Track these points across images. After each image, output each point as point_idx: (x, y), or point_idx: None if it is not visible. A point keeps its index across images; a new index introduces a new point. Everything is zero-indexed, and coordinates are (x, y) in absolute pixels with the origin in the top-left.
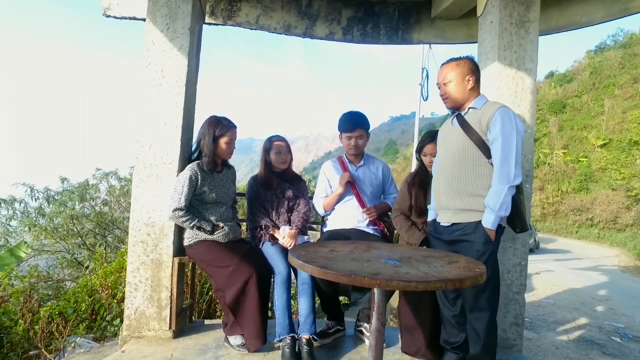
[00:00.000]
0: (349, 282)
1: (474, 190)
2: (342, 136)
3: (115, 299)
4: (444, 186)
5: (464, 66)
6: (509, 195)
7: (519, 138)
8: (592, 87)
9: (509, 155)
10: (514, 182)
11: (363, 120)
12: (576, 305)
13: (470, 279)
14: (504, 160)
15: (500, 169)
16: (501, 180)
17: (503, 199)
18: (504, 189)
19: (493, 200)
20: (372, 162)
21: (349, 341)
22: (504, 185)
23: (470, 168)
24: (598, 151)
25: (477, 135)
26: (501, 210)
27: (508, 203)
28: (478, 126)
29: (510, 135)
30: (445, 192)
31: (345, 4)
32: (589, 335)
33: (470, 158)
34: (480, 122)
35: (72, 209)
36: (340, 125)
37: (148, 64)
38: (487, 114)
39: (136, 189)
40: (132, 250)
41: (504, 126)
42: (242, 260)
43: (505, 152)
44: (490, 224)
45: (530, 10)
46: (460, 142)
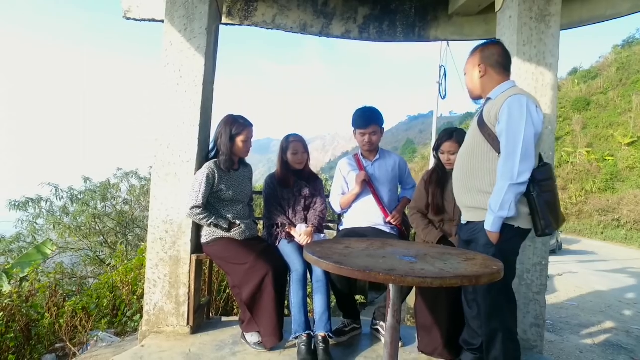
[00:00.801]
0: (364, 277)
1: (482, 186)
2: (356, 132)
3: (135, 295)
4: (457, 182)
5: (476, 55)
6: (510, 194)
7: (530, 129)
8: (619, 83)
9: (514, 149)
10: (519, 180)
11: (376, 115)
12: (602, 309)
13: (486, 276)
14: (508, 155)
15: (503, 165)
16: (503, 177)
17: (504, 198)
18: (505, 187)
19: (494, 200)
20: (388, 156)
21: (365, 340)
22: (504, 183)
23: (479, 163)
24: (625, 149)
25: (489, 129)
26: (502, 210)
27: (510, 203)
28: (488, 118)
29: (518, 127)
30: (458, 188)
31: (361, 2)
32: (616, 340)
33: (480, 153)
34: (490, 113)
35: (94, 208)
36: (354, 122)
37: (166, 64)
38: (497, 105)
39: (155, 187)
40: (151, 247)
41: (511, 116)
42: (258, 258)
43: (510, 146)
44: (490, 225)
45: (551, 4)
46: (474, 135)
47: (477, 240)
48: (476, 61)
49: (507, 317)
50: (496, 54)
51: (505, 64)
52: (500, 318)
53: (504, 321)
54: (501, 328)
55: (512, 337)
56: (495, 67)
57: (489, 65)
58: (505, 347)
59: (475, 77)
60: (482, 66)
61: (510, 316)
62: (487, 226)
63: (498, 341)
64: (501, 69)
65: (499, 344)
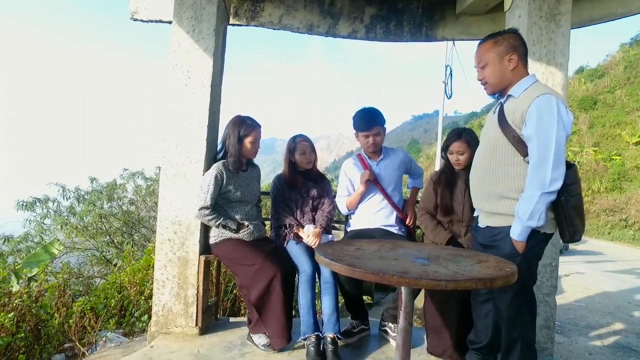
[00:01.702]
0: (377, 280)
1: (504, 192)
2: (359, 135)
3: (142, 295)
4: (476, 185)
5: (504, 43)
6: (542, 203)
7: (561, 133)
8: (627, 81)
9: (545, 155)
10: (551, 188)
11: (378, 116)
12: (610, 310)
13: (501, 279)
14: (540, 162)
15: (533, 173)
16: (533, 185)
17: (534, 207)
18: (536, 196)
19: (523, 208)
20: (392, 154)
21: (373, 341)
22: (535, 192)
23: (501, 167)
24: (633, 149)
25: (512, 131)
26: (532, 220)
27: (541, 212)
28: (512, 118)
29: (549, 131)
30: (476, 192)
31: (368, 2)
32: (625, 342)
33: (503, 156)
34: (515, 114)
35: (100, 208)
36: (356, 124)
37: (174, 65)
38: (523, 105)
39: (163, 187)
40: (160, 248)
41: (541, 120)
42: (266, 259)
43: (541, 152)
44: (517, 234)
45: (561, 3)
46: (494, 136)
47: (500, 247)
48: (505, 51)
49: (528, 325)
50: (523, 44)
51: (527, 55)
52: (521, 326)
53: (525, 329)
54: (521, 337)
55: (530, 346)
56: (523, 58)
57: (519, 55)
58: (523, 356)
59: (505, 69)
60: (514, 57)
61: (530, 324)
62: (514, 235)
63: (517, 350)
64: (525, 61)
65: (517, 352)
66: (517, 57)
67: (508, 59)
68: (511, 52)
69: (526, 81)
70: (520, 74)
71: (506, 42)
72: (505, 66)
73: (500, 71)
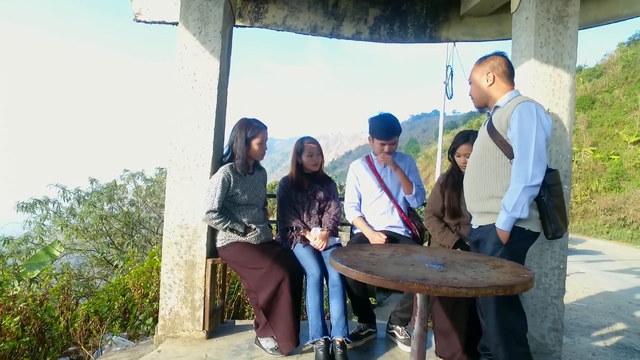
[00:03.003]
0: (396, 287)
1: (493, 192)
2: (375, 141)
3: (147, 298)
4: (468, 189)
5: (485, 64)
6: (524, 196)
7: (541, 134)
8: (625, 81)
9: (526, 152)
10: (532, 182)
11: (397, 126)
12: (612, 310)
13: (520, 285)
14: (521, 158)
15: (517, 168)
16: (517, 179)
17: (517, 199)
18: (519, 189)
19: (508, 200)
20: (400, 159)
21: (380, 344)
22: (519, 185)
23: (490, 169)
24: (631, 148)
25: (500, 136)
26: (515, 211)
27: (523, 204)
28: (499, 125)
29: (529, 131)
30: (469, 195)
31: (372, 3)
32: (628, 342)
33: (491, 159)
34: (501, 120)
35: (101, 209)
36: (374, 131)
37: (181, 68)
38: (507, 112)
39: (170, 191)
40: (166, 251)
41: (522, 122)
42: (274, 262)
43: (522, 150)
44: (502, 223)
45: (569, 5)
46: (484, 143)
47: (486, 239)
48: (484, 70)
49: (514, 324)
50: (503, 64)
51: (510, 74)
52: (505, 326)
53: (510, 329)
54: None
55: (519, 342)
56: (502, 76)
57: (497, 74)
58: (511, 354)
59: (483, 86)
60: (490, 75)
61: (517, 323)
62: (499, 224)
63: (503, 349)
64: (507, 78)
65: (504, 352)
66: (495, 75)
67: (486, 77)
68: (488, 71)
69: (511, 94)
70: (500, 89)
71: (487, 63)
72: (483, 84)
73: (479, 88)
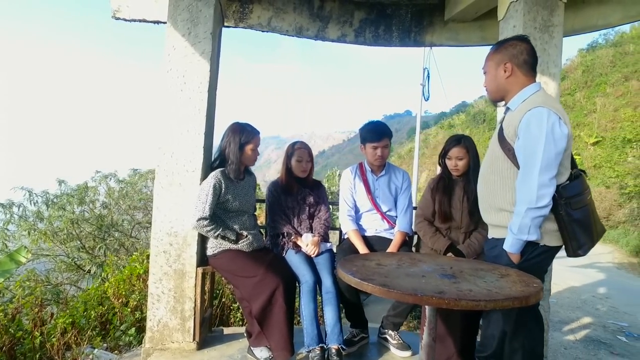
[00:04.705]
0: (415, 301)
1: (502, 204)
2: (367, 146)
3: (128, 307)
4: (480, 199)
5: (503, 51)
6: (528, 218)
7: (550, 148)
8: (585, 85)
9: (531, 170)
10: (538, 204)
11: (388, 128)
12: (578, 304)
13: (533, 296)
14: (525, 176)
15: (520, 187)
16: (520, 201)
17: (522, 222)
18: (522, 212)
19: (513, 223)
20: (394, 174)
21: (373, 349)
22: (522, 207)
23: (499, 180)
24: (591, 149)
25: (508, 144)
26: (522, 233)
27: (529, 226)
28: (507, 132)
29: (536, 145)
30: (481, 204)
31: (357, 6)
32: (595, 335)
33: (500, 169)
34: (509, 128)
35: (71, 213)
36: (365, 136)
37: (169, 70)
38: (516, 119)
39: (158, 197)
40: (154, 260)
41: (529, 133)
42: (267, 270)
43: (527, 167)
44: (508, 246)
45: (554, 15)
46: (494, 149)
47: (499, 258)
48: (502, 59)
49: (531, 337)
50: (525, 51)
51: (533, 63)
52: (522, 337)
53: (527, 342)
54: (522, 349)
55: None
56: (522, 67)
57: (516, 64)
58: None
59: (500, 77)
60: (508, 65)
61: (536, 337)
62: (506, 246)
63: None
64: (529, 69)
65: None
66: (513, 65)
67: (503, 67)
68: (506, 61)
69: (526, 92)
70: (518, 82)
71: (505, 50)
72: (500, 74)
73: (495, 79)
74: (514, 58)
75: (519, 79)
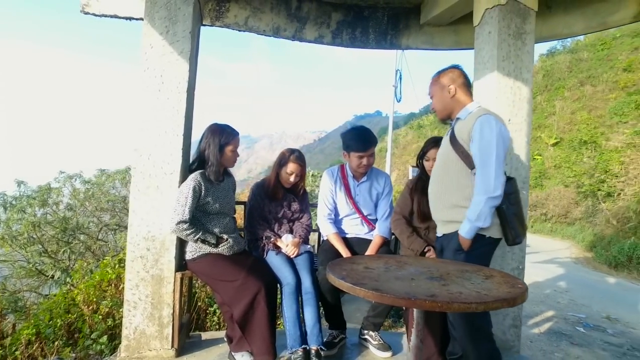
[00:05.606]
0: (407, 305)
1: (456, 201)
2: (352, 155)
3: (99, 314)
4: (433, 198)
5: (443, 77)
6: (486, 206)
7: (501, 146)
8: (545, 89)
9: (487, 165)
10: (494, 193)
11: (374, 137)
12: (541, 299)
13: (520, 297)
14: (483, 170)
15: (479, 180)
16: (480, 191)
17: (481, 210)
18: (482, 200)
19: (472, 211)
20: (376, 178)
21: (354, 350)
22: (482, 197)
23: (453, 180)
24: (551, 149)
25: (461, 147)
26: (478, 220)
27: (486, 215)
28: (460, 137)
29: (489, 145)
30: (433, 204)
31: (334, 8)
32: (557, 327)
33: (454, 170)
34: (462, 133)
35: (32, 215)
36: (350, 145)
37: (146, 69)
38: (469, 125)
39: (134, 201)
40: (131, 266)
41: (483, 135)
42: (249, 274)
43: (484, 162)
44: (465, 232)
45: (526, 22)
46: (447, 154)
47: (449, 245)
48: (445, 82)
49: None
50: (461, 76)
51: (468, 85)
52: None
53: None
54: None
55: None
56: (462, 87)
57: (457, 86)
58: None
59: (446, 97)
60: (452, 87)
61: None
62: (462, 232)
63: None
64: (467, 90)
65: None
66: (455, 87)
67: (447, 89)
68: (450, 84)
69: (471, 106)
70: (461, 100)
71: (446, 75)
72: (445, 95)
73: (442, 100)
74: (455, 81)
75: (461, 97)
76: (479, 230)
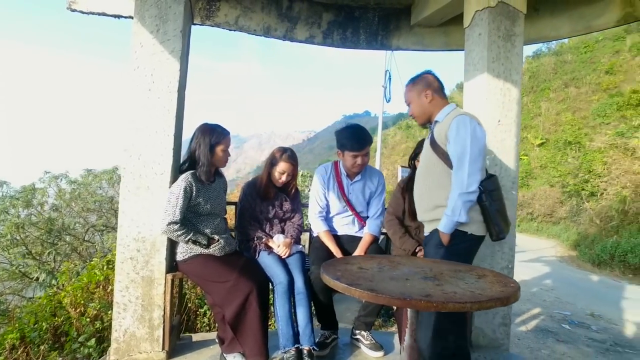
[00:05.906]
0: (402, 305)
1: (438, 201)
2: (346, 154)
3: (86, 317)
4: (417, 200)
5: (419, 83)
6: (459, 201)
7: (475, 144)
8: (531, 90)
9: (461, 163)
10: (468, 189)
11: (369, 136)
12: (528, 297)
13: (513, 296)
14: (458, 168)
15: (454, 177)
16: (454, 188)
17: (455, 204)
18: (455, 196)
19: (448, 207)
20: (369, 177)
21: (346, 350)
22: (455, 192)
23: (434, 181)
24: (537, 150)
25: (441, 149)
26: (454, 215)
27: (461, 209)
28: (439, 139)
29: (464, 143)
30: (418, 205)
31: (325, 8)
32: (543, 325)
33: (435, 171)
34: (441, 134)
35: (16, 216)
36: (345, 144)
37: (136, 68)
38: (445, 126)
39: (124, 201)
40: (120, 267)
41: (458, 134)
42: (240, 275)
43: (458, 160)
44: (442, 226)
45: (515, 25)
46: (428, 156)
47: (430, 242)
48: (421, 88)
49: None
50: (435, 81)
51: (443, 89)
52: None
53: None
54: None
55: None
56: (437, 92)
57: (433, 90)
58: None
59: (423, 102)
60: (428, 92)
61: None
62: (440, 227)
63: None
64: (442, 93)
65: None
66: (432, 91)
67: (424, 94)
68: (426, 89)
69: (448, 108)
70: (438, 104)
71: (421, 81)
72: (423, 100)
73: (420, 106)
74: (431, 85)
75: (438, 101)
76: (460, 227)
